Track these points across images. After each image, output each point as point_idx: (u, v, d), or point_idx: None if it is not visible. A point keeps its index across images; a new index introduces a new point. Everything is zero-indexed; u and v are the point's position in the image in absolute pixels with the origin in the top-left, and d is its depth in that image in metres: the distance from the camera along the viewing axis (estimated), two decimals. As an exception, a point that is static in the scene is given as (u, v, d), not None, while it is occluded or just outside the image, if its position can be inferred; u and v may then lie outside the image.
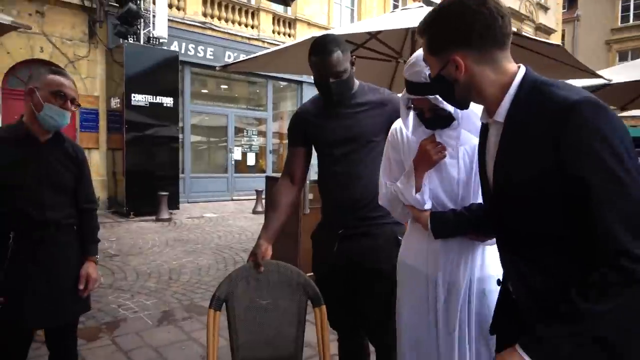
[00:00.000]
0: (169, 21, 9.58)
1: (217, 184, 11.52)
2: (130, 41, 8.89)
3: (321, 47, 1.89)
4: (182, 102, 10.30)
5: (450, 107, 1.49)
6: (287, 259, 1.89)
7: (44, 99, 1.89)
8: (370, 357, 2.25)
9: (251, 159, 12.32)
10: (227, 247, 6.45)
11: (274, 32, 12.45)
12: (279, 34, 12.54)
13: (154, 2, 9.11)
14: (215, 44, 11.03)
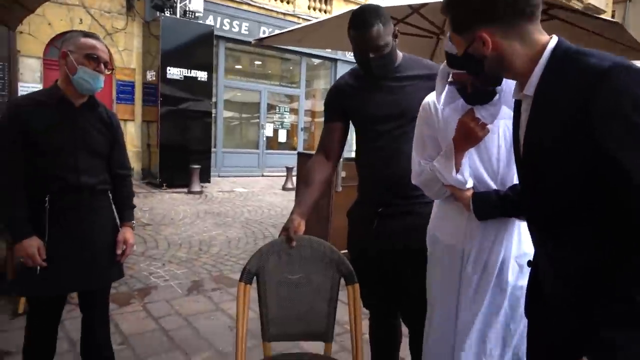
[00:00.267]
0: (205, -5, 9.55)
1: (248, 160, 11.59)
2: (166, 14, 8.91)
3: (360, 20, 1.78)
4: (216, 77, 10.31)
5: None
6: (318, 237, 1.84)
7: (77, 62, 1.88)
8: (402, 340, 2.21)
9: (282, 136, 12.30)
10: (257, 222, 6.49)
11: (309, 7, 12.24)
12: (315, 9, 12.33)
13: (191, -24, 9.09)
14: (250, 19, 10.94)
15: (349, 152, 5.20)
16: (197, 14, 9.40)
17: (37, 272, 1.85)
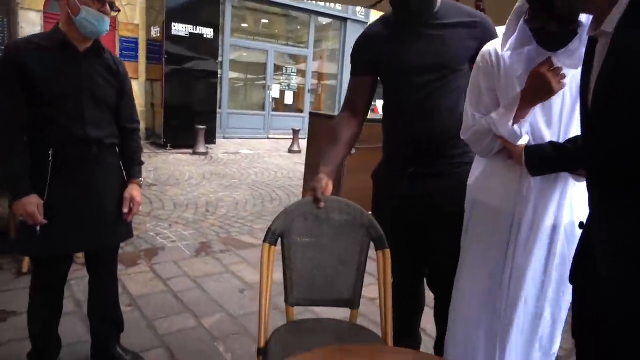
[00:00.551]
0: (212, -54, 9.08)
1: (254, 121, 11.35)
2: (171, -34, 8.51)
3: None
4: (222, 35, 9.96)
5: (581, 17, 1.20)
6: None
7: (80, 1, 1.69)
8: (424, 306, 2.11)
9: (289, 98, 12.00)
10: (264, 184, 6.35)
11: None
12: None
13: None
14: (257, -26, 10.50)
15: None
16: (203, -33, 9.00)
17: (38, 231, 1.71)
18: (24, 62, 1.66)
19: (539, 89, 1.31)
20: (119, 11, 1.95)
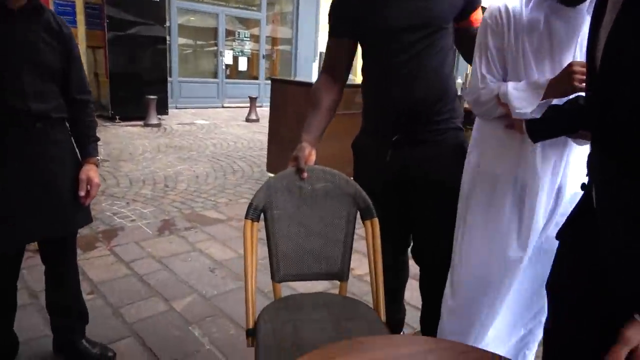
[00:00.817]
0: None
1: (207, 90, 10.88)
2: None
3: None
4: (168, -1, 9.37)
5: None
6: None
7: None
8: (408, 277, 2.06)
9: (243, 64, 11.55)
10: (223, 155, 6.12)
11: None
12: None
13: None
14: None
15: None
16: None
17: None
18: None
19: (563, 82, 1.25)
20: None
